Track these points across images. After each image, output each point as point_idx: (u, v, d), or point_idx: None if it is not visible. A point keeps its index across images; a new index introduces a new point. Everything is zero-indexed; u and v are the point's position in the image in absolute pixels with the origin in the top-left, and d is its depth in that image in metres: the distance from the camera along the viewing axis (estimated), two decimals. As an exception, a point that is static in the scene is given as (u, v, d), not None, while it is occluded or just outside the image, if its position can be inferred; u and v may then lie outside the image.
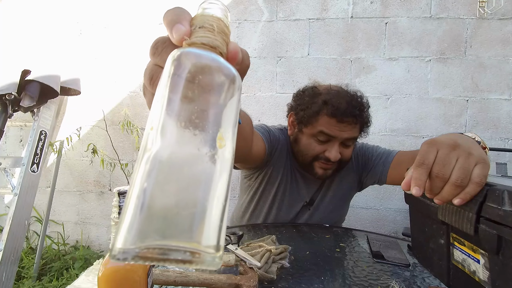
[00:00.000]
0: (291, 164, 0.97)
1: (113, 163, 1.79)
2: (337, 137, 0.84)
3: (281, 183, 0.96)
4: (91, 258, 1.82)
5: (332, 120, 0.83)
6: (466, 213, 0.46)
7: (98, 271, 0.37)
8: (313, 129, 0.86)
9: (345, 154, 0.88)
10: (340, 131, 0.84)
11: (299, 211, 0.99)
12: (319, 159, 0.87)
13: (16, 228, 1.49)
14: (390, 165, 0.92)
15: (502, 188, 0.41)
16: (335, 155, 0.84)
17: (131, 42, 1.86)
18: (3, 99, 1.51)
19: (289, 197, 0.97)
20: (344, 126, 0.83)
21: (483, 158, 0.43)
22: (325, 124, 0.84)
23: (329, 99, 0.84)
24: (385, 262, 0.67)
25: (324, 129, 0.84)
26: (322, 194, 0.99)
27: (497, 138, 1.62)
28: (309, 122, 0.87)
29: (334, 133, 0.83)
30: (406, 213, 1.70)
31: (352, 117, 0.83)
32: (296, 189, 0.98)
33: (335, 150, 0.84)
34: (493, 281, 0.43)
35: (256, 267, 0.57)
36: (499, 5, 1.55)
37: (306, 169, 0.92)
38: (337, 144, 0.85)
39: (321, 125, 0.84)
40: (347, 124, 0.83)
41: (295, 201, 0.98)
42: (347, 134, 0.85)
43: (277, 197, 0.97)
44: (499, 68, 1.59)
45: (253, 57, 1.77)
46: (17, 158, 1.62)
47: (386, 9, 1.65)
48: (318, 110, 0.84)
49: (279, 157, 0.95)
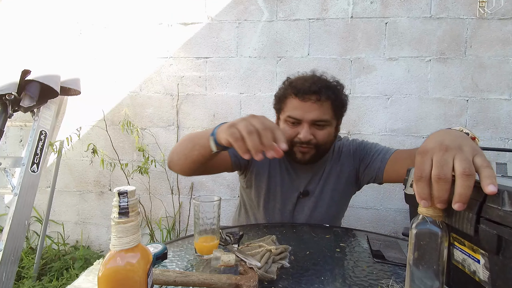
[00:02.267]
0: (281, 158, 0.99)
1: (113, 163, 1.79)
2: (304, 119, 0.88)
3: (270, 177, 1.00)
4: (91, 258, 1.82)
5: (295, 101, 0.88)
6: (466, 213, 0.46)
7: (98, 271, 0.37)
8: (283, 114, 0.92)
9: (319, 135, 0.90)
10: (305, 112, 0.87)
11: (296, 202, 1.00)
12: (295, 143, 0.90)
13: (16, 228, 1.49)
14: (387, 162, 0.92)
15: (502, 188, 0.41)
16: (304, 135, 0.87)
17: (131, 42, 1.86)
18: (3, 99, 1.52)
19: (282, 189, 1.00)
20: (308, 106, 0.87)
21: (477, 149, 0.42)
22: (291, 107, 0.90)
23: (293, 81, 0.92)
24: (385, 262, 0.67)
25: (291, 113, 0.89)
26: (321, 186, 1.00)
27: (497, 138, 1.62)
28: (281, 108, 0.94)
29: (300, 115, 0.88)
30: (406, 213, 1.70)
31: (313, 94, 0.86)
32: (288, 181, 1.00)
33: (305, 131, 0.87)
34: (493, 281, 0.43)
35: (256, 267, 0.57)
36: (499, 5, 1.55)
37: (289, 156, 0.96)
38: (307, 125, 0.88)
39: (288, 110, 0.90)
40: (311, 103, 0.87)
41: (289, 192, 1.00)
42: (313, 115, 0.87)
43: (271, 190, 1.00)
44: (499, 68, 1.59)
45: (253, 57, 1.78)
46: (17, 158, 1.62)
47: (386, 9, 1.65)
48: (285, 93, 0.92)
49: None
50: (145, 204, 1.91)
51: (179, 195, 1.89)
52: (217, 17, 1.78)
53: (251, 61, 1.78)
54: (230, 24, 1.77)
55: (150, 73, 1.87)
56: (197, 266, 0.66)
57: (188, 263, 0.67)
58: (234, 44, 1.78)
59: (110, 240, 0.37)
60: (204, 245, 0.69)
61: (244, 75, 1.79)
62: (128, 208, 0.37)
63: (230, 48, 1.79)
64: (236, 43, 1.78)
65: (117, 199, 0.37)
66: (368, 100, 1.70)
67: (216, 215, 0.70)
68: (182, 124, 1.87)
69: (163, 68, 1.85)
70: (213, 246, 0.69)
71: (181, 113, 1.86)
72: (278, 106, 0.96)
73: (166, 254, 0.67)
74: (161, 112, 1.87)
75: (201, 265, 0.66)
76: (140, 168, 1.74)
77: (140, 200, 1.90)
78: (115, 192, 0.37)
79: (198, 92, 1.84)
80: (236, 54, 1.79)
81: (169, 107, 1.87)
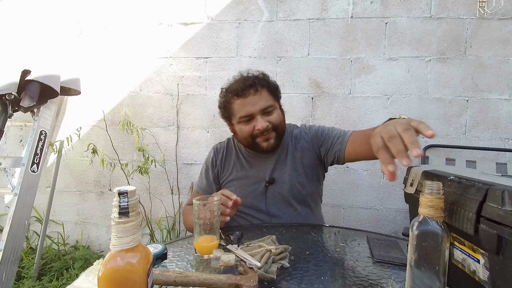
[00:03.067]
0: (243, 155, 1.10)
1: (113, 163, 1.79)
2: (254, 112, 0.97)
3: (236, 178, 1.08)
4: (91, 258, 1.82)
5: (239, 101, 0.98)
6: (466, 212, 0.46)
7: (98, 271, 0.37)
8: (235, 118, 1.01)
9: (273, 118, 0.99)
10: (252, 105, 0.97)
11: (266, 191, 1.05)
12: (256, 135, 0.99)
13: (16, 228, 1.49)
14: (346, 144, 0.99)
15: (502, 187, 0.41)
16: (261, 125, 0.96)
17: (131, 42, 1.86)
18: (3, 99, 1.51)
19: (248, 182, 1.06)
20: (251, 99, 0.97)
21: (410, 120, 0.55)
22: (238, 108, 0.99)
23: (229, 86, 1.02)
24: (385, 262, 0.67)
25: (241, 113, 0.98)
26: (279, 171, 1.06)
27: (497, 138, 1.62)
28: (230, 113, 1.03)
29: (249, 111, 0.97)
30: (406, 213, 1.70)
31: (250, 87, 0.97)
32: (253, 174, 1.07)
33: (261, 121, 0.97)
34: (493, 281, 0.43)
35: (256, 267, 0.57)
36: (499, 5, 1.55)
37: (255, 149, 1.04)
38: (259, 116, 0.97)
39: (237, 112, 0.99)
40: (252, 96, 0.97)
41: (256, 184, 1.05)
42: (260, 105, 0.97)
43: (238, 188, 1.06)
44: (499, 68, 1.59)
45: (253, 57, 1.78)
46: (17, 158, 1.62)
47: (386, 9, 1.65)
48: (227, 100, 1.02)
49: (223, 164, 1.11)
50: (145, 204, 1.91)
51: (179, 195, 1.89)
52: (217, 17, 1.78)
53: (251, 61, 1.78)
54: (230, 24, 1.77)
55: (150, 73, 1.87)
56: (197, 266, 0.66)
57: (188, 263, 0.67)
58: (234, 44, 1.78)
59: (110, 240, 0.37)
60: (204, 245, 0.69)
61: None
62: (128, 208, 0.37)
63: (230, 48, 1.79)
64: (236, 43, 1.78)
65: (117, 199, 0.37)
66: (368, 100, 1.70)
67: (216, 215, 0.71)
68: (182, 124, 1.87)
69: (163, 68, 1.85)
70: (213, 246, 0.69)
71: (181, 113, 1.86)
72: (227, 114, 1.04)
73: (166, 254, 0.67)
74: (161, 112, 1.87)
75: (201, 265, 0.66)
76: (140, 168, 1.74)
77: (140, 200, 1.90)
78: (115, 192, 0.37)
79: (198, 92, 1.84)
80: (236, 54, 1.79)
81: (169, 107, 1.87)
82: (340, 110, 1.73)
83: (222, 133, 1.83)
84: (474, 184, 0.47)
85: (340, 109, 1.73)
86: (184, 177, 1.89)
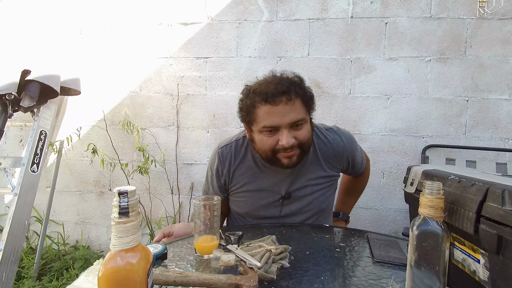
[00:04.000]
0: (256, 163, 0.97)
1: (113, 163, 1.79)
2: (281, 125, 0.82)
3: (246, 190, 0.97)
4: (91, 258, 1.82)
5: (266, 108, 0.82)
6: (466, 212, 0.46)
7: (98, 271, 0.37)
8: (257, 125, 0.85)
9: (300, 135, 0.85)
10: (281, 116, 0.82)
11: (281, 206, 0.97)
12: (278, 150, 0.85)
13: (16, 228, 1.49)
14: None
15: (503, 187, 0.41)
16: (287, 141, 0.82)
17: (131, 42, 1.86)
18: (3, 99, 1.51)
19: (261, 196, 0.97)
20: (281, 109, 0.81)
21: None
22: (263, 116, 0.83)
23: (257, 87, 0.85)
24: (385, 262, 0.67)
25: (266, 123, 0.83)
26: (298, 185, 0.96)
27: (497, 138, 1.62)
28: (251, 118, 0.86)
29: (276, 123, 0.82)
30: (406, 213, 1.70)
31: (282, 94, 0.81)
32: (267, 186, 0.96)
33: (286, 137, 0.82)
34: (493, 281, 0.43)
35: (256, 267, 0.57)
36: (499, 5, 1.55)
37: (273, 164, 0.90)
38: (286, 130, 0.83)
39: (261, 120, 0.84)
40: (283, 106, 0.81)
41: (270, 197, 0.96)
42: (290, 118, 0.82)
43: (249, 200, 0.98)
44: (499, 68, 1.59)
45: (253, 57, 1.78)
46: (17, 158, 1.62)
47: (386, 9, 1.65)
48: (253, 102, 0.85)
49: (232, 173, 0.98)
50: (145, 204, 1.91)
51: (179, 195, 1.89)
52: (217, 17, 1.78)
53: (251, 61, 1.78)
54: (230, 24, 1.77)
55: (150, 73, 1.87)
56: (197, 266, 0.66)
57: (188, 263, 0.67)
58: (234, 44, 1.78)
59: (110, 240, 0.37)
60: (204, 245, 0.69)
61: (244, 75, 1.79)
62: (128, 208, 0.37)
63: (230, 48, 1.79)
64: (236, 43, 1.78)
65: (117, 199, 0.37)
66: (368, 100, 1.70)
67: (216, 215, 0.71)
68: (182, 124, 1.87)
69: (163, 68, 1.85)
70: (213, 246, 0.69)
71: (181, 113, 1.86)
72: (248, 119, 0.88)
73: (166, 254, 0.67)
74: (161, 112, 1.87)
75: (201, 265, 0.66)
76: (140, 168, 1.74)
77: (140, 200, 1.90)
78: (115, 192, 0.37)
79: (198, 92, 1.84)
80: (236, 54, 1.79)
81: (169, 107, 1.86)
82: (340, 110, 1.73)
83: (222, 133, 1.83)
84: (474, 183, 0.47)
85: (340, 109, 1.73)
86: (184, 177, 1.89)
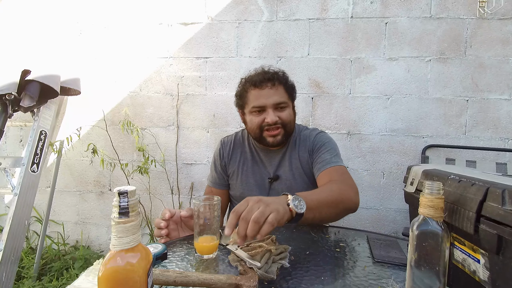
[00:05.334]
0: (251, 149, 1.12)
1: (113, 163, 1.79)
2: (267, 104, 1.00)
3: (243, 172, 1.10)
4: (91, 258, 1.82)
5: (255, 91, 1.01)
6: (466, 212, 0.46)
7: (98, 271, 0.37)
8: (248, 107, 1.04)
9: (283, 116, 1.02)
10: (266, 98, 0.99)
11: (269, 188, 1.07)
12: (263, 127, 1.01)
13: (16, 228, 1.49)
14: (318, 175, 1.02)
15: (503, 187, 0.41)
16: (271, 118, 0.99)
17: (131, 42, 1.86)
18: (3, 99, 1.51)
19: (253, 177, 1.09)
20: (267, 92, 0.99)
21: (277, 208, 0.60)
22: (253, 98, 1.01)
23: (248, 77, 1.05)
24: (385, 262, 0.67)
25: (254, 103, 1.01)
26: (284, 169, 1.08)
27: (497, 138, 1.62)
28: (244, 102, 1.05)
29: (262, 103, 1.00)
30: (406, 213, 1.70)
31: (268, 81, 1.00)
32: (258, 169, 1.10)
33: (271, 114, 0.99)
34: (493, 281, 0.43)
35: (256, 267, 0.57)
36: (499, 5, 1.55)
37: (260, 142, 1.06)
38: (271, 110, 1.00)
39: (251, 101, 1.02)
40: (268, 89, 1.00)
41: (260, 179, 1.09)
42: (274, 99, 1.00)
43: (244, 181, 1.10)
44: (499, 68, 1.59)
45: (253, 57, 1.78)
46: (17, 158, 1.62)
47: (386, 9, 1.65)
48: (244, 88, 1.04)
49: (230, 156, 1.13)
50: (145, 204, 1.91)
51: (179, 195, 1.89)
52: (217, 17, 1.78)
53: (251, 61, 1.78)
54: (230, 24, 1.77)
55: (150, 73, 1.87)
56: (197, 266, 0.66)
57: (188, 263, 0.67)
58: (234, 44, 1.78)
59: (110, 240, 0.37)
60: (204, 245, 0.69)
61: (244, 75, 1.77)
62: (128, 208, 0.37)
63: (230, 48, 1.79)
64: (236, 43, 1.78)
65: (117, 199, 0.37)
66: (368, 100, 1.70)
67: (216, 215, 0.70)
68: (182, 124, 1.87)
69: (163, 68, 1.85)
70: (213, 246, 0.69)
71: (181, 113, 1.86)
72: (241, 102, 1.07)
73: (166, 254, 0.67)
74: (161, 112, 1.87)
75: (201, 265, 0.66)
76: (140, 168, 1.74)
77: (140, 200, 1.90)
78: (115, 192, 0.37)
79: (198, 92, 1.84)
80: (236, 54, 1.79)
81: (169, 107, 1.87)
82: (340, 110, 1.73)
83: (222, 133, 1.83)
84: (474, 183, 0.47)
85: (340, 109, 1.73)
86: (184, 177, 1.89)
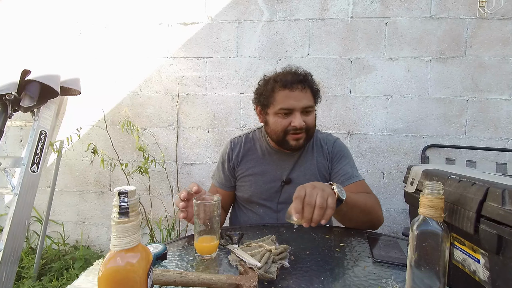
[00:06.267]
0: (262, 151, 1.08)
1: (113, 163, 1.79)
2: (296, 108, 0.96)
3: (252, 173, 1.07)
4: (91, 258, 1.82)
5: (285, 92, 0.97)
6: (466, 212, 0.46)
7: (98, 271, 0.37)
8: (274, 108, 0.99)
9: (309, 120, 0.99)
10: (296, 101, 0.96)
11: (280, 191, 1.04)
12: (289, 131, 0.98)
13: (16, 228, 1.49)
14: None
15: (503, 187, 0.41)
16: (299, 122, 0.95)
17: (131, 42, 1.86)
18: (3, 99, 1.51)
19: (264, 179, 1.05)
20: (297, 95, 0.96)
21: (331, 192, 0.70)
22: (281, 99, 0.97)
23: (277, 76, 1.01)
24: (385, 262, 0.67)
25: (283, 105, 0.96)
26: (298, 173, 1.05)
27: (497, 138, 1.62)
28: (269, 102, 1.00)
29: (291, 105, 0.96)
30: (406, 213, 1.70)
31: (299, 83, 0.97)
32: (270, 172, 1.06)
33: (298, 118, 0.96)
34: (493, 281, 0.43)
35: (256, 267, 0.57)
36: (499, 5, 1.55)
37: (281, 145, 1.02)
38: (299, 113, 0.96)
39: (278, 103, 0.97)
40: (298, 92, 0.96)
41: (272, 182, 1.05)
42: (303, 103, 0.97)
43: (253, 183, 1.06)
44: (499, 68, 1.59)
45: (253, 57, 1.78)
46: (17, 158, 1.62)
47: (386, 9, 1.65)
48: (272, 88, 0.99)
49: (240, 158, 1.09)
50: (145, 204, 1.91)
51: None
52: (217, 17, 1.78)
53: (251, 61, 1.78)
54: (230, 24, 1.77)
55: (150, 73, 1.87)
56: (197, 266, 0.66)
57: (188, 263, 0.67)
58: (234, 44, 1.78)
59: (110, 240, 0.37)
60: (204, 245, 0.69)
61: (244, 75, 1.79)
62: (128, 208, 0.37)
63: (230, 48, 1.79)
64: (236, 43, 1.78)
65: (117, 199, 0.37)
66: (368, 100, 1.70)
67: (216, 215, 0.71)
68: (182, 124, 1.87)
69: (163, 68, 1.85)
70: (213, 246, 0.69)
71: (181, 113, 1.86)
72: (265, 102, 1.01)
73: (166, 254, 0.67)
74: (161, 112, 1.87)
75: (201, 265, 0.66)
76: (140, 168, 1.74)
77: (140, 200, 1.90)
78: (115, 192, 0.37)
79: (198, 92, 1.84)
80: (236, 54, 1.79)
81: (169, 107, 1.87)
82: (340, 110, 1.73)
83: (222, 133, 1.83)
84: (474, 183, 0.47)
85: (340, 109, 1.73)
86: (184, 177, 1.89)
